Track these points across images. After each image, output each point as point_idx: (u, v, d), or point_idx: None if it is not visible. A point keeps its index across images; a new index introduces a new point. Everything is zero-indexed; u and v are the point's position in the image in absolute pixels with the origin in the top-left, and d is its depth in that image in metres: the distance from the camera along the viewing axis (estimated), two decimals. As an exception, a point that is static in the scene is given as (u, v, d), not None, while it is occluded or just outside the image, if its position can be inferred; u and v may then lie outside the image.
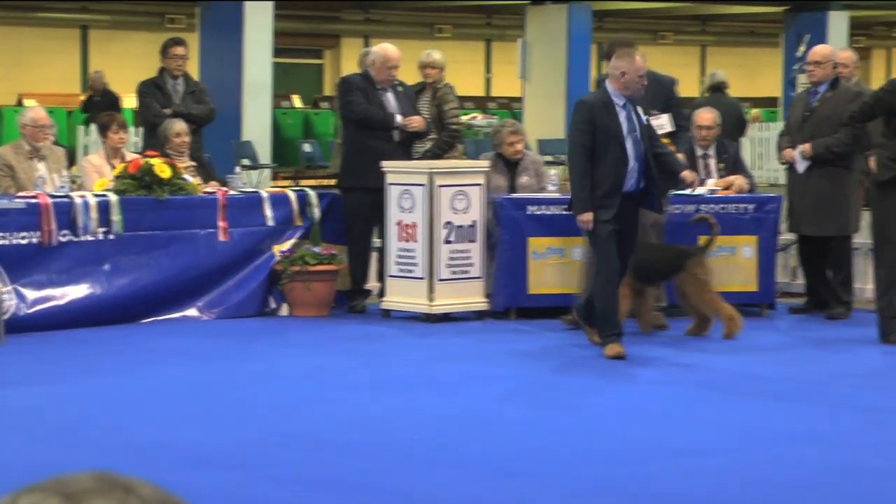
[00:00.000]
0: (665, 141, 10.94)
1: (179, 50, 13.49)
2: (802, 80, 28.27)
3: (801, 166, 11.86)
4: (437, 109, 12.98)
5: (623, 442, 7.68)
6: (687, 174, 10.72)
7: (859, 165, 11.62)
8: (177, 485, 2.27)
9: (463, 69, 30.19)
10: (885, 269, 10.81)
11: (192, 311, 11.59)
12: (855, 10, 29.41)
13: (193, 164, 12.44)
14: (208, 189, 11.98)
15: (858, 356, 10.51)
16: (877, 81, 38.24)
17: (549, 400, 8.81)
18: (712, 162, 12.49)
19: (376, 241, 12.21)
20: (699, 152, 12.46)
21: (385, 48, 12.27)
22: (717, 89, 18.41)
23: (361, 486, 6.72)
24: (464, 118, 19.40)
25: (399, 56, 12.22)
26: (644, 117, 10.33)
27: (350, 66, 21.20)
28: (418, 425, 8.01)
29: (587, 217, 10.11)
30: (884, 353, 10.55)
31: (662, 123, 11.27)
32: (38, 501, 1.73)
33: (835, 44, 26.74)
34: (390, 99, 12.14)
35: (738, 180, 12.37)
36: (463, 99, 19.10)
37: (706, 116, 12.44)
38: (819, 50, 12.17)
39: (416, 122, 12.14)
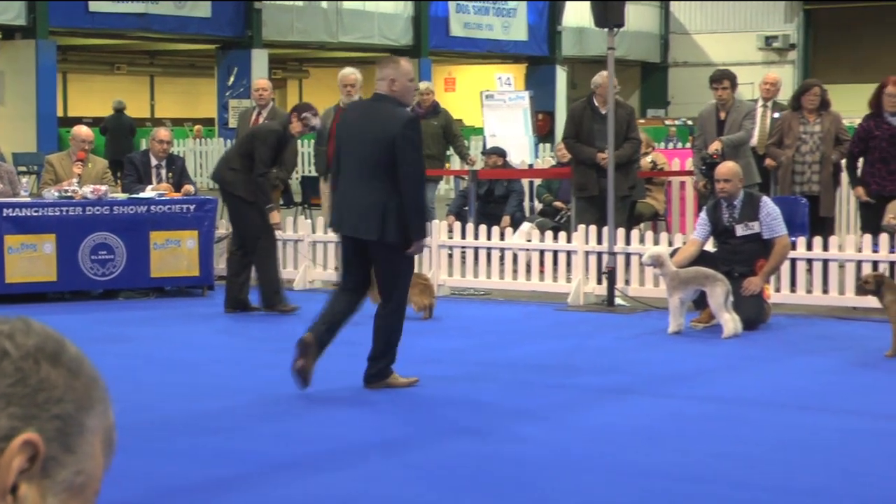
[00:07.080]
0: None
1: None
2: (233, 104, 28.93)
3: None
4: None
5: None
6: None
7: None
8: None
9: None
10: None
11: None
12: (273, 48, 30.33)
13: None
14: None
15: None
16: (291, 105, 39.28)
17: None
18: (163, 172, 12.82)
19: None
20: (154, 162, 12.80)
21: None
22: (119, 111, 23.07)
23: None
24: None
25: None
26: None
27: None
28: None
29: None
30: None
31: None
32: None
33: (258, 74, 27.59)
34: None
35: (185, 186, 12.77)
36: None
37: (165, 133, 12.98)
38: None
39: None
